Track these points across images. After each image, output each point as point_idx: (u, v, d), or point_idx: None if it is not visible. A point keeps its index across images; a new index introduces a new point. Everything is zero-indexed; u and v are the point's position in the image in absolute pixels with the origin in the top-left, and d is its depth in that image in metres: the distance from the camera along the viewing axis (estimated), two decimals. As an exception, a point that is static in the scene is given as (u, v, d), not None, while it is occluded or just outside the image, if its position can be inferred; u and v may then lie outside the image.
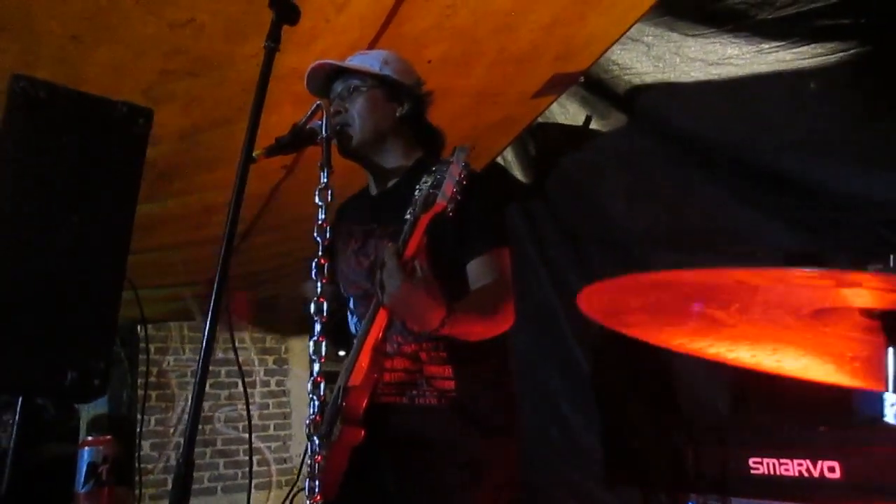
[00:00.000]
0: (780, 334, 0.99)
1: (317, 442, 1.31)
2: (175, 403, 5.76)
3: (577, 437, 3.21)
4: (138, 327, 5.03)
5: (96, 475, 1.28)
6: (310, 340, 1.33)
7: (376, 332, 1.67)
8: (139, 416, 5.42)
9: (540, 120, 3.33)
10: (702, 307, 0.92)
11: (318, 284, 1.32)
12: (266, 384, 6.19)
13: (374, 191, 1.98)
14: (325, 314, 1.31)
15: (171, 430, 5.73)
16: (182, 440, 6.20)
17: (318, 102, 1.40)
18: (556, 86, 2.90)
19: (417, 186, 1.58)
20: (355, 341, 1.75)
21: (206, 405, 5.87)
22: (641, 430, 2.51)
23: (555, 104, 3.21)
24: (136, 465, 4.56)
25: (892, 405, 0.78)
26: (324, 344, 1.35)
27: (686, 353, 1.12)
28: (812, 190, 2.39)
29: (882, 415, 0.82)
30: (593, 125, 3.18)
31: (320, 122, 1.38)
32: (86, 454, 1.33)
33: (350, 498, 1.77)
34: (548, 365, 3.39)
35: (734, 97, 2.60)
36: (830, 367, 1.05)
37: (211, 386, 5.88)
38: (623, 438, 2.86)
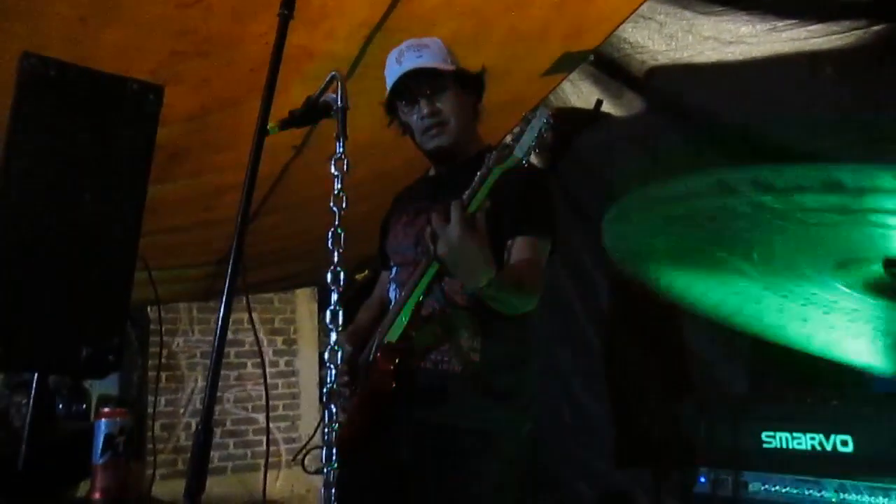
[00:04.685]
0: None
1: (334, 410, 1.32)
2: (184, 384, 5.80)
3: (589, 417, 3.22)
4: (148, 308, 5.06)
5: (113, 446, 1.29)
6: (327, 309, 1.32)
7: (419, 292, 1.71)
8: (150, 397, 5.46)
9: (553, 101, 3.31)
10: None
11: (335, 253, 1.31)
12: (275, 364, 6.22)
13: (433, 173, 2.06)
14: (341, 284, 1.31)
15: (181, 411, 5.78)
16: (193, 421, 6.26)
17: (334, 73, 1.38)
18: (566, 65, 2.88)
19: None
20: (395, 303, 1.82)
21: (215, 386, 5.90)
22: (654, 409, 2.51)
23: (567, 84, 3.18)
24: (151, 444, 4.62)
25: None
26: (341, 313, 1.35)
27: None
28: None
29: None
30: (606, 105, 3.16)
31: (334, 95, 1.37)
32: (102, 426, 1.33)
33: (365, 466, 1.80)
34: (560, 345, 3.39)
35: (748, 76, 2.57)
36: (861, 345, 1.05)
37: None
38: (635, 417, 2.87)
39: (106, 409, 1.37)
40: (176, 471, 5.68)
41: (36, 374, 1.32)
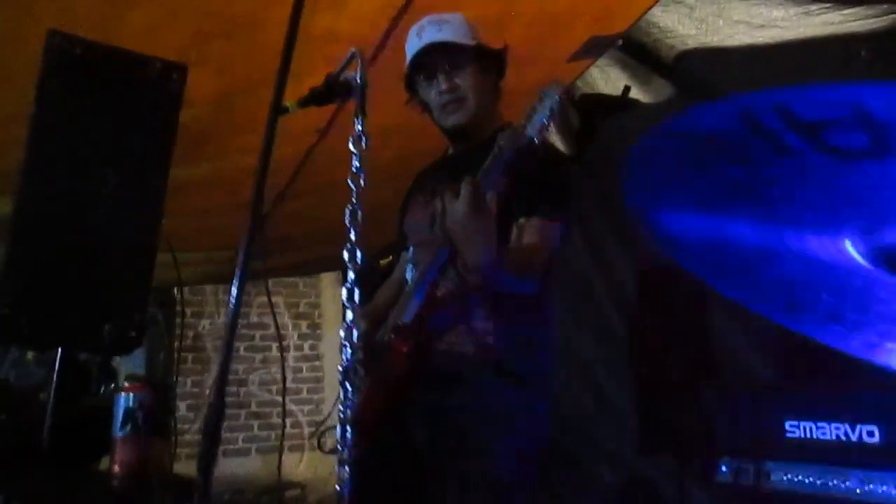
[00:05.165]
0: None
1: (350, 389, 1.32)
2: (210, 366, 5.87)
3: (613, 405, 3.20)
4: (174, 290, 5.11)
5: (133, 420, 1.30)
6: (342, 287, 1.32)
7: (433, 270, 1.71)
8: (175, 378, 5.54)
9: (581, 87, 3.27)
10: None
11: (352, 231, 1.31)
12: (299, 348, 6.27)
13: (451, 152, 2.05)
14: (358, 262, 1.31)
15: (207, 392, 5.85)
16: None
17: (353, 51, 1.37)
18: (593, 49, 2.84)
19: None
20: (410, 284, 1.83)
21: (239, 368, 5.98)
22: (677, 396, 2.48)
23: (595, 69, 3.14)
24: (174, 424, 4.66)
25: None
26: (357, 291, 1.35)
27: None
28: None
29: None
30: (635, 92, 3.11)
31: (354, 73, 1.36)
32: (122, 400, 1.35)
33: (381, 447, 1.79)
34: (583, 332, 3.37)
35: (780, 62, 2.51)
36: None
37: (245, 349, 5.98)
38: (659, 405, 2.84)
39: (126, 384, 1.39)
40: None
41: (60, 351, 1.34)
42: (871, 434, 1.73)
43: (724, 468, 1.92)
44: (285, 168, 3.47)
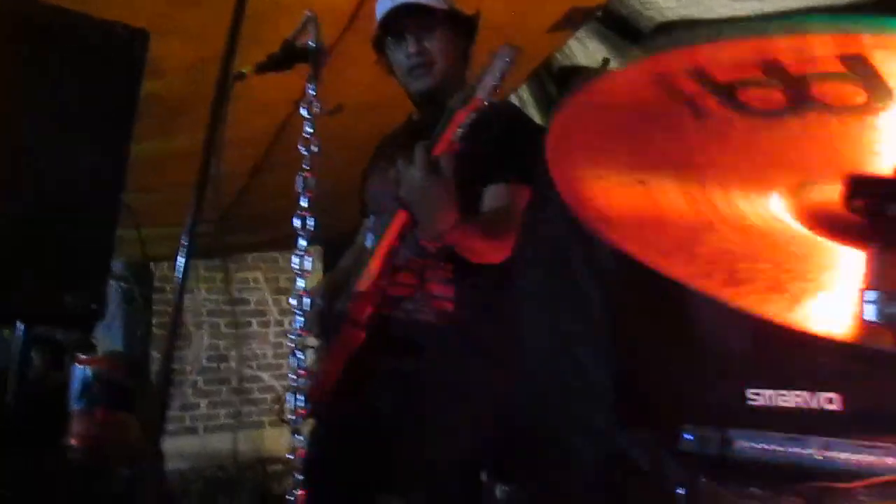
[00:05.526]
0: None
1: (302, 357, 1.32)
2: (191, 342, 5.84)
3: (591, 378, 3.21)
4: (152, 264, 5.07)
5: (89, 393, 1.28)
6: (293, 255, 1.32)
7: (391, 240, 1.69)
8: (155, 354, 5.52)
9: (560, 60, 3.24)
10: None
11: (303, 199, 1.30)
12: (280, 324, 6.25)
13: (416, 118, 2.02)
14: (310, 229, 1.30)
15: (188, 369, 5.83)
16: (200, 379, 6.29)
17: (308, 14, 1.35)
18: (573, 20, 2.81)
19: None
20: (368, 252, 1.80)
21: (221, 344, 5.96)
22: (652, 369, 2.49)
23: (574, 41, 3.11)
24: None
25: (869, 302, 0.75)
26: (308, 259, 1.34)
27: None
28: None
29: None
30: (613, 64, 3.09)
31: (317, 42, 1.34)
32: (78, 372, 1.33)
33: (341, 416, 1.81)
34: (562, 306, 3.36)
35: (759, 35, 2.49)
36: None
37: (226, 325, 5.96)
38: (635, 378, 2.85)
39: (82, 357, 1.37)
40: (184, 427, 5.76)
41: (23, 326, 1.31)
42: (830, 401, 1.76)
43: (689, 437, 1.94)
44: (261, 140, 3.42)
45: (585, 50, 3.13)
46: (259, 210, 4.18)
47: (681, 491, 1.88)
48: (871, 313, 0.74)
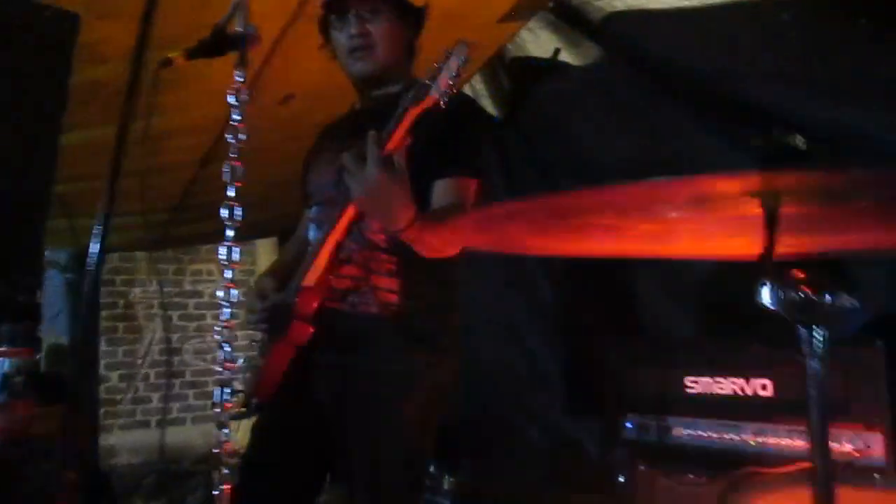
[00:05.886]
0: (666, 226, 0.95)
1: (229, 349, 1.30)
2: (142, 335, 5.73)
3: (543, 368, 3.24)
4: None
5: (10, 386, 1.24)
6: (220, 245, 1.30)
7: (338, 233, 1.68)
8: (108, 347, 5.41)
9: (512, 51, 3.24)
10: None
11: (230, 188, 1.28)
12: (234, 317, 6.16)
13: (358, 106, 1.98)
14: (236, 219, 1.28)
15: (140, 362, 5.72)
16: (151, 372, 6.17)
17: (236, 1, 1.32)
18: (524, 10, 2.81)
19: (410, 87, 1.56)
20: (313, 244, 1.78)
21: (174, 337, 5.86)
22: (599, 360, 2.52)
23: (525, 32, 3.12)
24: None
25: (765, 286, 0.76)
26: (236, 250, 1.33)
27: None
28: (785, 121, 2.36)
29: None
30: (564, 55, 3.10)
31: (251, 28, 1.32)
32: (-2, 365, 1.29)
33: (285, 406, 1.80)
34: (514, 297, 3.38)
35: (705, 26, 2.53)
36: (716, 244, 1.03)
37: (179, 318, 5.86)
38: (585, 367, 2.89)
39: (2, 349, 1.32)
40: (135, 421, 5.66)
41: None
42: (764, 388, 1.80)
43: (629, 425, 1.97)
44: (212, 128, 3.36)
45: (537, 40, 3.14)
46: (212, 200, 4.09)
47: (621, 478, 1.91)
48: (766, 299, 0.75)
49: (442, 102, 1.49)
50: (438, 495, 2.61)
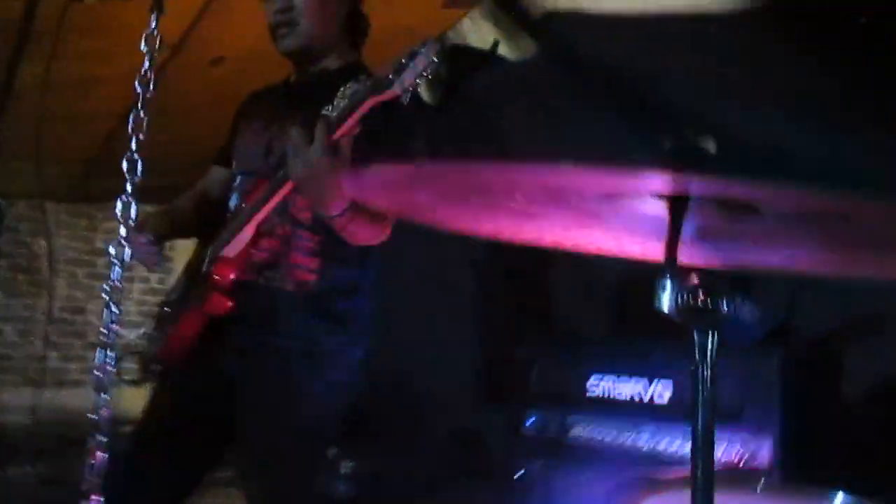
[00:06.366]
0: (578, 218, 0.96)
1: (115, 311, 1.26)
2: (45, 290, 5.49)
3: (454, 358, 3.25)
4: (2, 203, 4.70)
5: None
6: (117, 199, 1.24)
7: (268, 207, 1.63)
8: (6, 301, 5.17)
9: (451, 37, 3.22)
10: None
11: (134, 138, 1.23)
12: (146, 280, 5.97)
13: (293, 79, 1.91)
14: (138, 173, 1.23)
15: (39, 318, 5.49)
16: (49, 329, 5.91)
17: None
18: (468, -1, 2.81)
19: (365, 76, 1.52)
20: (237, 214, 1.73)
21: (79, 295, 5.65)
22: (510, 354, 2.54)
23: (467, 21, 3.11)
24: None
25: (664, 290, 0.78)
26: (133, 206, 1.28)
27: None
28: (698, 124, 2.41)
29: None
30: (502, 48, 3.10)
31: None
32: None
33: (190, 375, 1.77)
34: (432, 285, 3.38)
35: (639, 34, 2.57)
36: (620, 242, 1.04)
37: (85, 276, 5.65)
38: (495, 361, 2.91)
39: None
40: (28, 378, 5.43)
41: None
42: (661, 396, 1.85)
43: (531, 420, 2.00)
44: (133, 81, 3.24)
45: (478, 31, 3.13)
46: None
47: (519, 472, 1.94)
48: (664, 303, 0.76)
49: (404, 99, 1.46)
50: (336, 478, 2.58)
